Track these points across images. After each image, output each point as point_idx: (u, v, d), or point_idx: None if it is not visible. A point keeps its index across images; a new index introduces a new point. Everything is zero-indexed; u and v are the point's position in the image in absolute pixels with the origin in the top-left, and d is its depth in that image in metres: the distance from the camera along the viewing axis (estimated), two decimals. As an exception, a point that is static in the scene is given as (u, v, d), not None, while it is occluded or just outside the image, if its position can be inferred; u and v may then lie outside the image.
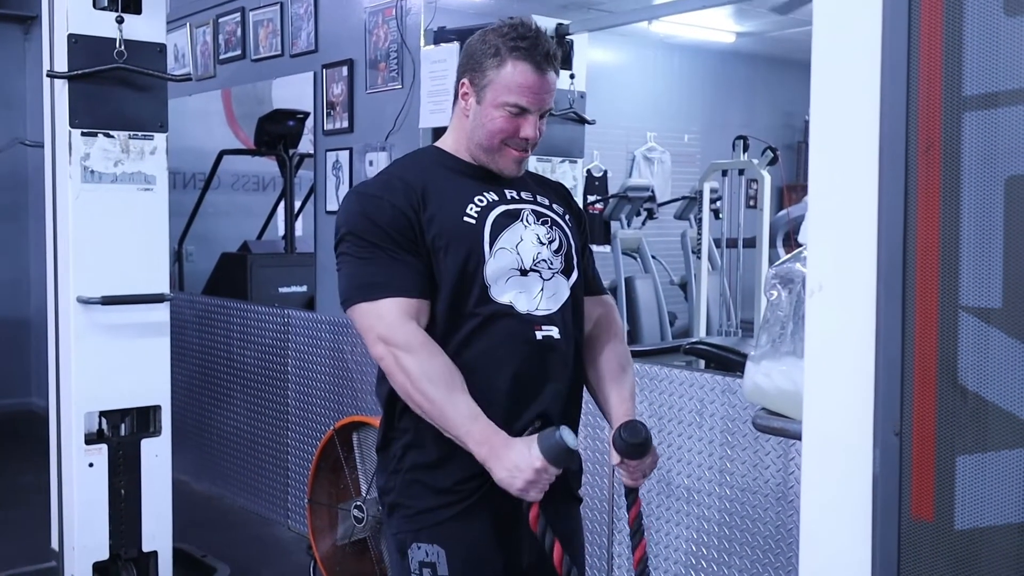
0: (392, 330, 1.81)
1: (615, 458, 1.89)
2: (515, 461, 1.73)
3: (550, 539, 1.80)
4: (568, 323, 1.95)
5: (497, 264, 1.88)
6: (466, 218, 1.89)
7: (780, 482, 2.81)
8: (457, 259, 1.86)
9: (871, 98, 1.02)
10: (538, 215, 1.97)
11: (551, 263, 1.94)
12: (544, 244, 1.95)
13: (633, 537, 1.90)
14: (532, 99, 1.88)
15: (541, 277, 1.91)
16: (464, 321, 1.87)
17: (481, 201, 1.92)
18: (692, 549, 3.04)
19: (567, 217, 2.04)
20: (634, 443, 1.84)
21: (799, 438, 1.14)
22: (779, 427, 1.41)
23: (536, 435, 1.77)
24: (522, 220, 1.93)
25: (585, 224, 2.13)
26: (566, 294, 1.95)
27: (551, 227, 1.98)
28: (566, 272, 1.96)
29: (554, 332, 1.90)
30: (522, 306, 1.89)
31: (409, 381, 1.79)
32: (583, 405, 2.07)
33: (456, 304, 1.86)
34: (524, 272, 1.89)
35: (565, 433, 1.74)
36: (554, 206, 2.02)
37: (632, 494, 1.94)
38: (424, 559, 1.88)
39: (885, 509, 1.02)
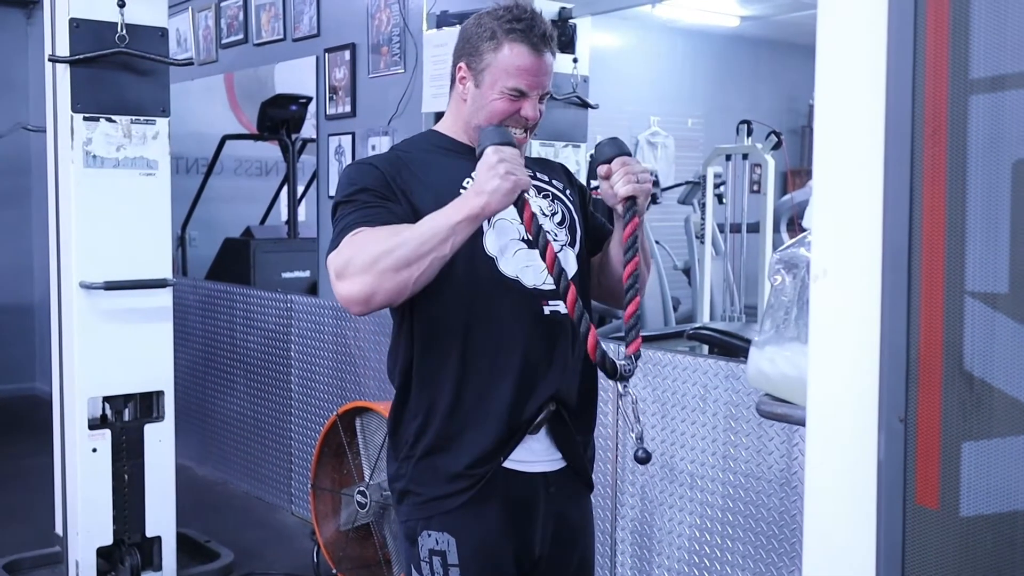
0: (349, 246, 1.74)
1: (603, 170, 1.83)
2: (481, 175, 1.69)
3: (543, 241, 1.72)
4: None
5: (498, 234, 1.86)
6: (462, 189, 1.84)
7: (784, 468, 2.81)
8: None
9: (876, 81, 1.01)
10: (539, 189, 1.95)
11: (556, 235, 1.92)
12: (547, 216, 1.93)
13: (626, 253, 1.82)
14: (530, 81, 1.86)
15: None
16: (470, 295, 1.84)
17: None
18: (695, 535, 3.04)
19: (568, 192, 2.02)
20: (611, 139, 1.84)
21: (803, 424, 1.13)
22: (783, 413, 1.41)
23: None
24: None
25: (588, 196, 2.11)
26: (573, 267, 1.93)
27: (553, 200, 1.96)
28: (571, 244, 1.95)
29: (561, 307, 1.85)
30: (529, 280, 1.87)
31: (374, 252, 1.70)
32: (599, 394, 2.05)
33: (461, 277, 1.82)
34: (530, 244, 1.83)
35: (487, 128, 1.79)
36: (554, 182, 2.01)
37: (631, 207, 1.83)
38: (434, 547, 1.86)
39: (890, 496, 1.01)
